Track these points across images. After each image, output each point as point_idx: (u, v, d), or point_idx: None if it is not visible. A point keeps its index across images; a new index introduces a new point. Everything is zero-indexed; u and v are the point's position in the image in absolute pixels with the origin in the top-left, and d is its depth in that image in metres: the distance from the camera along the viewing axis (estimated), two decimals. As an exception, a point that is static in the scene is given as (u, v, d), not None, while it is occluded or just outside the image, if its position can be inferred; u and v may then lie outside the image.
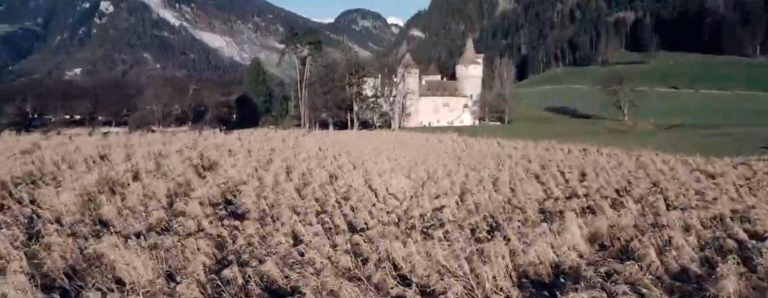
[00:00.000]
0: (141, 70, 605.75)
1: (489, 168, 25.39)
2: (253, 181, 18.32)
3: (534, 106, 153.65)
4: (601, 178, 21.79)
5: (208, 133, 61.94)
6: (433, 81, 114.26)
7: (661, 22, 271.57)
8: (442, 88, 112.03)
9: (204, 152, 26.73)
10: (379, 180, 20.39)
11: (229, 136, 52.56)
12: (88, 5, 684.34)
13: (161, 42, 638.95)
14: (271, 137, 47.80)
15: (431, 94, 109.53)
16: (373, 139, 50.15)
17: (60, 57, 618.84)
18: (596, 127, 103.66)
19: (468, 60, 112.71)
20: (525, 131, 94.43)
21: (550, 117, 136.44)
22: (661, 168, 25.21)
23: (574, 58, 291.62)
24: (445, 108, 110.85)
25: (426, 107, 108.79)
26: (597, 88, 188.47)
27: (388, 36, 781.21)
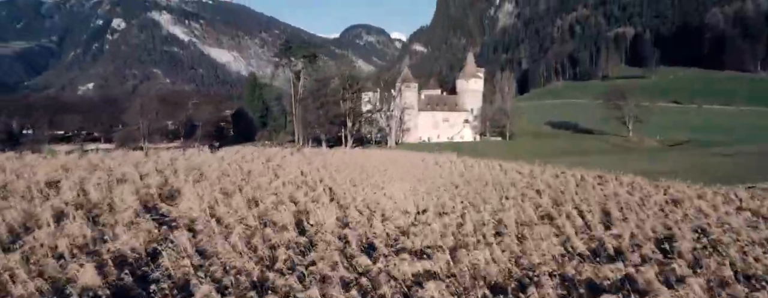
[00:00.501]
0: (151, 84, 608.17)
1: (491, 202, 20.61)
2: (202, 220, 14.02)
3: (535, 120, 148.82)
4: (632, 221, 16.96)
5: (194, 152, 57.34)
6: (433, 95, 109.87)
7: (660, 38, 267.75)
8: (442, 103, 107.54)
9: (170, 178, 22.48)
10: (358, 216, 15.75)
11: (215, 154, 48.09)
12: (101, 22, 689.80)
13: (171, 57, 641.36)
14: (256, 157, 43.28)
15: (431, 109, 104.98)
16: (364, 159, 45.55)
17: (73, 72, 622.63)
18: (601, 144, 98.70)
19: (469, 74, 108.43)
20: (528, 148, 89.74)
21: (552, 132, 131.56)
22: (699, 205, 20.40)
23: (574, 72, 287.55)
24: (445, 123, 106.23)
25: (425, 122, 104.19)
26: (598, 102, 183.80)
27: (392, 51, 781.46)
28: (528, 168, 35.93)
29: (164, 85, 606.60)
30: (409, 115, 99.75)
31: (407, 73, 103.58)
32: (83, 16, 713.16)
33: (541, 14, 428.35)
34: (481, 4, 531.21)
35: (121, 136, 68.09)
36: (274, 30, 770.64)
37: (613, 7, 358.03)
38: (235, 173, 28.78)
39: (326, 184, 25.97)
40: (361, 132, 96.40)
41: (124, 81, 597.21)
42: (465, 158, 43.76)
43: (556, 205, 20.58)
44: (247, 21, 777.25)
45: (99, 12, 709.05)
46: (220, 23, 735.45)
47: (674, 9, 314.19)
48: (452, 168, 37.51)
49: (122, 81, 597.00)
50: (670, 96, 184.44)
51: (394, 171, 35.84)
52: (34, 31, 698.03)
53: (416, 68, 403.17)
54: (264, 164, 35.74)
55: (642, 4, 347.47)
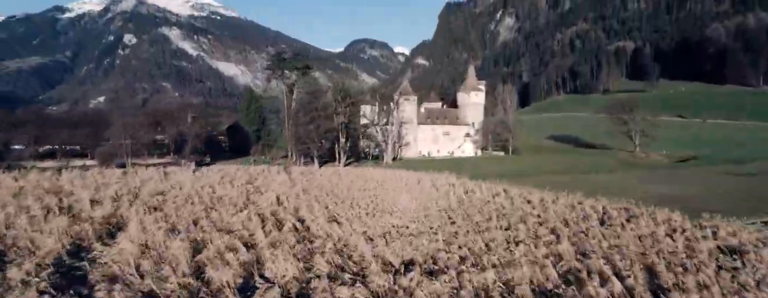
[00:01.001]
0: (160, 98, 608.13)
1: (497, 250, 15.49)
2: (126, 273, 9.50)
3: (537, 134, 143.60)
4: (693, 293, 11.62)
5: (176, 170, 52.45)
6: (433, 109, 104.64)
7: (660, 52, 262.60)
8: (443, 117, 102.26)
9: (123, 207, 17.87)
10: (325, 268, 10.74)
11: (196, 173, 43.25)
12: (112, 38, 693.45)
13: (179, 71, 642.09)
14: (237, 177, 38.20)
15: (431, 123, 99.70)
16: (354, 180, 40.24)
17: (86, 86, 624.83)
18: (607, 160, 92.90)
19: (470, 87, 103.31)
20: (532, 164, 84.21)
21: (555, 147, 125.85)
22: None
23: (575, 86, 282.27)
24: (445, 137, 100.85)
25: (425, 136, 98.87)
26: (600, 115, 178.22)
27: (395, 64, 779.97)
28: (538, 195, 30.45)
29: (173, 98, 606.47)
30: (408, 129, 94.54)
31: (406, 86, 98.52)
32: (96, 32, 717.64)
33: (541, 28, 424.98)
34: (482, 19, 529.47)
35: (103, 153, 63.11)
36: (281, 44, 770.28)
37: (613, 22, 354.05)
38: (204, 198, 23.76)
39: (301, 216, 20.76)
40: (358, 147, 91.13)
41: (134, 94, 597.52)
42: (465, 181, 38.36)
43: (581, 255, 15.16)
44: (255, 36, 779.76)
45: (111, 28, 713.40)
46: (228, 38, 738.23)
47: (672, 24, 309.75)
48: (451, 194, 32.09)
49: (132, 94, 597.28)
50: (673, 110, 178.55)
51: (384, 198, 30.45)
52: (49, 47, 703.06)
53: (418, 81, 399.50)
54: (241, 187, 30.48)
55: (641, 18, 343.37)
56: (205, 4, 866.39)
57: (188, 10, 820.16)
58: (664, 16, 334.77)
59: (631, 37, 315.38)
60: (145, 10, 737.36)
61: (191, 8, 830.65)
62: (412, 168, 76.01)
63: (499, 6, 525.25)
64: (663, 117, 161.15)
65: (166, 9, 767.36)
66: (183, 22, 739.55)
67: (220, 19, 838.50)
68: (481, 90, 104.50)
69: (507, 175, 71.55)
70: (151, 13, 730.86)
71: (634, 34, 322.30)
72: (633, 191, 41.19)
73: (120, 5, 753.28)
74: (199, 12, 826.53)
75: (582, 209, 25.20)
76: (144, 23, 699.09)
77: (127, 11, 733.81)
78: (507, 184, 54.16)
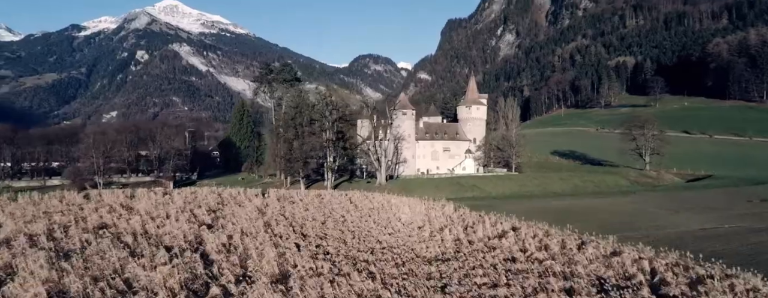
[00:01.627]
0: (170, 112, 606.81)
1: None
2: None
3: (540, 149, 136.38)
4: None
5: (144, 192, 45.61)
6: (433, 124, 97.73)
7: (661, 67, 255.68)
8: (442, 132, 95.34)
9: (18, 257, 12.54)
10: None
11: (166, 196, 36.60)
12: (126, 54, 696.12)
13: (189, 86, 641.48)
14: (198, 206, 31.45)
15: (430, 138, 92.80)
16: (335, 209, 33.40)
17: (99, 102, 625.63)
18: (618, 179, 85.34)
19: (471, 100, 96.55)
20: (539, 184, 76.88)
21: (560, 163, 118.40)
22: None
23: (575, 100, 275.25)
24: (445, 153, 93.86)
25: (424, 153, 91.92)
26: (605, 130, 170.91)
27: (398, 79, 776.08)
28: (557, 237, 23.34)
29: (182, 112, 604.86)
30: (406, 145, 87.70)
31: (404, 100, 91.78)
32: (110, 49, 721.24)
33: (541, 44, 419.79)
34: (482, 35, 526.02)
35: (71, 173, 56.61)
36: (287, 59, 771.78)
37: (612, 38, 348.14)
38: (138, 240, 18.02)
39: (242, 275, 14.49)
40: (354, 163, 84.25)
41: (145, 109, 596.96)
42: (464, 213, 31.27)
43: None
44: (262, 51, 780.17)
45: (125, 45, 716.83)
46: (237, 54, 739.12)
47: (671, 39, 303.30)
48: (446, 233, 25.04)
49: (143, 109, 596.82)
50: (677, 125, 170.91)
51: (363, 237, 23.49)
52: (65, 64, 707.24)
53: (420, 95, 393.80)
54: (193, 222, 23.78)
55: (639, 34, 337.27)
56: (216, 21, 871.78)
57: (199, 27, 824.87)
58: (662, 32, 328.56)
59: (630, 53, 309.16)
60: (158, 28, 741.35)
61: (202, 26, 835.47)
62: (407, 190, 68.91)
63: (499, 22, 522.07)
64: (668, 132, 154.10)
65: (177, 27, 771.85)
66: (194, 39, 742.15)
67: (230, 35, 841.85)
68: (483, 104, 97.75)
69: (512, 197, 64.52)
70: (163, 31, 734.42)
71: (634, 49, 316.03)
72: (663, 222, 33.98)
73: (133, 23, 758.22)
74: (209, 29, 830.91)
75: (621, 264, 18.02)
76: (156, 40, 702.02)
77: (140, 29, 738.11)
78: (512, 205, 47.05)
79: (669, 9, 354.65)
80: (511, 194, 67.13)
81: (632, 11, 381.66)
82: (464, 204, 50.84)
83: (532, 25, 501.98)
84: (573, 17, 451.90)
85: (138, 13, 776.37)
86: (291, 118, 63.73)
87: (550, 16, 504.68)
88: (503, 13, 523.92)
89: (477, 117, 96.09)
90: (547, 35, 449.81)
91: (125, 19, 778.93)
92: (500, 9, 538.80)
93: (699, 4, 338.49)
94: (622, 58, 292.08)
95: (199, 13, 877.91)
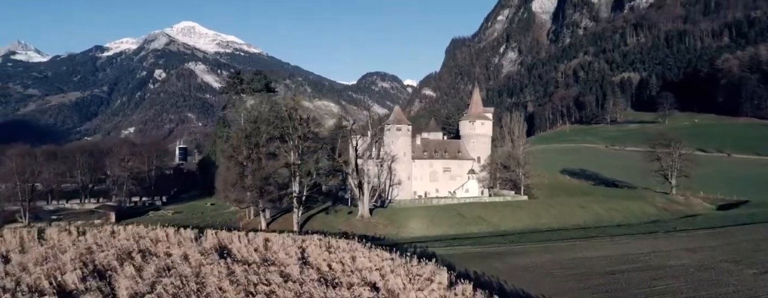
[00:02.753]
0: (184, 127, 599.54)
1: None
2: None
3: (548, 167, 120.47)
4: None
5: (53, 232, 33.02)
6: (431, 141, 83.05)
7: (666, 83, 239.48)
8: (443, 150, 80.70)
9: None
10: None
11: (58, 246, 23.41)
12: (145, 73, 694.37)
13: (203, 103, 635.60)
14: (107, 255, 17.73)
15: (428, 157, 78.21)
16: (271, 275, 19.28)
17: (118, 118, 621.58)
18: (644, 206, 69.75)
19: (474, 115, 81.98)
20: (554, 214, 60.79)
21: (572, 184, 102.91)
22: None
23: (580, 116, 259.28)
24: (445, 174, 79.09)
25: (421, 173, 77.27)
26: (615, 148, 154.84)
27: (404, 95, 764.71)
28: None
29: (196, 127, 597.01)
30: (401, 165, 73.27)
31: (398, 113, 77.14)
32: (131, 68, 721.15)
33: (543, 61, 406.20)
34: (485, 52, 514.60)
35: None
36: (298, 77, 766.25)
37: (614, 55, 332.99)
38: None
39: None
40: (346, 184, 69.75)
41: (161, 125, 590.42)
42: (466, 289, 16.89)
43: None
44: (274, 70, 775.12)
45: (144, 64, 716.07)
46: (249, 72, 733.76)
47: (674, 56, 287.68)
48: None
49: (159, 125, 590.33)
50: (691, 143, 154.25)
51: None
52: (88, 83, 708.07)
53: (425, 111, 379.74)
54: None
55: (641, 51, 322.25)
56: (230, 41, 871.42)
57: (214, 47, 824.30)
58: (664, 50, 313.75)
59: (634, 69, 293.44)
60: (175, 48, 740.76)
61: (217, 45, 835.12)
62: (395, 223, 53.92)
63: (502, 41, 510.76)
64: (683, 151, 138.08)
65: (194, 47, 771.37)
66: (209, 58, 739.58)
67: (244, 54, 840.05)
68: (488, 119, 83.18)
69: (526, 232, 49.73)
70: (180, 51, 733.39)
71: (637, 65, 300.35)
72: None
73: (153, 44, 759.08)
74: (224, 49, 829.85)
75: None
76: (173, 60, 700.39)
77: (159, 49, 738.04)
78: (533, 253, 32.62)
79: (669, 27, 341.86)
80: (525, 228, 52.16)
81: (633, 29, 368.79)
82: (468, 247, 35.82)
83: (533, 43, 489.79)
84: (574, 36, 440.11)
85: (157, 35, 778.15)
86: (246, 136, 48.44)
87: (551, 34, 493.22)
88: (505, 32, 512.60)
89: (481, 133, 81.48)
90: (549, 53, 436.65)
91: (145, 39, 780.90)
92: (503, 28, 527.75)
93: (699, 23, 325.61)
94: (626, 74, 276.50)
95: (214, 34, 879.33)
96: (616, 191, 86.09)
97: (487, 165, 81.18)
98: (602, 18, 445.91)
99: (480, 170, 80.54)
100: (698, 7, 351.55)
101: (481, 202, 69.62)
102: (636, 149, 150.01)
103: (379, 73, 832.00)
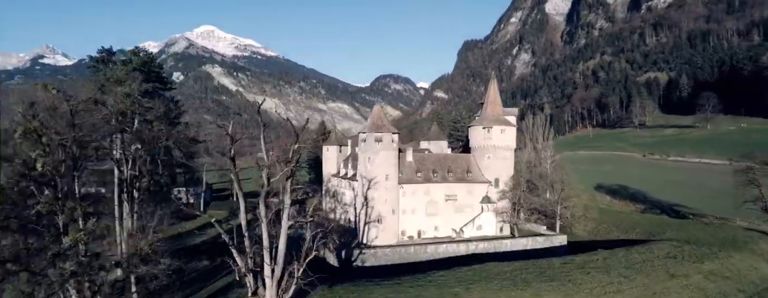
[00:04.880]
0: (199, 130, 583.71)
1: None
2: None
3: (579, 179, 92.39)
4: None
5: None
6: (429, 157, 56.06)
7: (699, 83, 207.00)
8: (445, 169, 53.90)
9: None
10: None
11: None
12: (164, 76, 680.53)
13: (219, 105, 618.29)
14: None
15: (424, 180, 51.53)
16: None
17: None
18: (753, 260, 42.13)
19: (491, 118, 54.73)
20: (640, 287, 33.06)
21: (615, 209, 74.99)
22: None
23: (602, 118, 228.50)
24: (448, 204, 52.28)
25: (414, 204, 50.53)
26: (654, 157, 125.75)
27: (417, 97, 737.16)
28: None
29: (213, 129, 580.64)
30: (382, 193, 46.96)
31: (378, 117, 49.47)
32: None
33: (558, 62, 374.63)
34: (498, 54, 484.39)
35: None
36: (312, 79, 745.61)
37: (635, 55, 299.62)
38: None
39: None
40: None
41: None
42: None
43: None
44: (289, 72, 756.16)
45: (164, 67, 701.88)
46: (265, 74, 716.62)
47: (702, 55, 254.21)
48: None
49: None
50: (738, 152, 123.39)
51: None
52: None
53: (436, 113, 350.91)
54: None
55: (663, 51, 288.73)
56: (248, 45, 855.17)
57: (233, 50, 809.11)
58: (687, 49, 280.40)
59: (658, 68, 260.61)
60: (194, 52, 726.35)
61: (235, 49, 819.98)
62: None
63: (515, 42, 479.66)
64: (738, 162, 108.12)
65: (212, 50, 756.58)
66: (227, 61, 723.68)
67: (261, 58, 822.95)
68: (511, 124, 55.83)
69: None
70: (199, 54, 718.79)
71: (661, 65, 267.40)
72: None
73: (173, 47, 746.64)
74: (241, 52, 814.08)
75: None
76: (191, 62, 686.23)
77: (178, 52, 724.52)
78: None
79: (691, 27, 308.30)
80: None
81: (652, 29, 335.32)
82: None
83: (547, 45, 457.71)
84: (589, 36, 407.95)
85: (177, 38, 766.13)
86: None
87: (565, 35, 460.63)
88: (518, 34, 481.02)
89: (501, 144, 54.29)
90: (563, 54, 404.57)
91: (166, 43, 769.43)
92: (515, 30, 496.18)
93: (723, 22, 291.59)
94: (652, 74, 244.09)
95: (233, 37, 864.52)
96: (690, 227, 57.88)
97: (509, 190, 54.09)
98: (618, 18, 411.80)
99: (499, 198, 53.49)
100: (721, 6, 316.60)
101: (503, 244, 42.58)
102: (681, 159, 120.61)
103: (392, 76, 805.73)
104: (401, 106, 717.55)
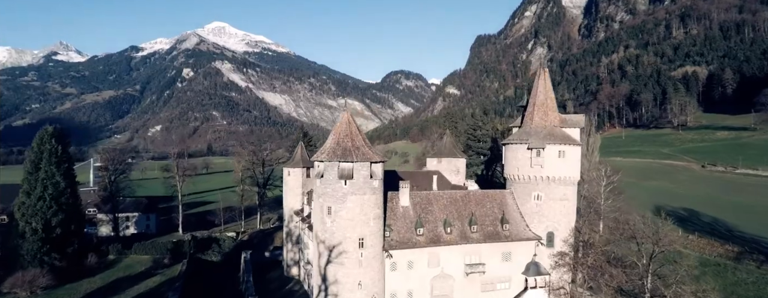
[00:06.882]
0: (209, 125, 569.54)
1: None
2: None
3: (629, 198, 69.09)
4: None
5: None
6: (436, 198, 33.57)
7: (746, 79, 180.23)
8: (463, 217, 31.89)
9: None
10: None
11: None
12: (174, 72, 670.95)
13: (228, 101, 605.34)
14: None
15: (428, 241, 29.79)
16: None
17: (148, 116, 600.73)
18: None
19: (541, 132, 32.62)
20: None
21: (693, 253, 51.25)
22: None
23: (634, 117, 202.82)
24: (471, 279, 30.76)
25: (412, 285, 29.06)
26: (719, 169, 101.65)
27: (429, 94, 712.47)
28: None
29: (221, 126, 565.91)
30: (351, 270, 25.66)
31: (347, 131, 27.76)
32: (163, 67, 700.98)
33: (577, 57, 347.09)
34: (513, 49, 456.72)
35: None
36: (322, 76, 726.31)
37: (663, 48, 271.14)
38: None
39: None
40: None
41: (186, 123, 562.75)
42: None
43: None
44: (300, 68, 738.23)
45: (175, 63, 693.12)
46: (275, 70, 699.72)
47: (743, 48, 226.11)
48: None
49: (185, 123, 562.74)
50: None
51: None
52: (123, 82, 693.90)
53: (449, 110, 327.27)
54: None
55: (695, 44, 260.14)
56: (259, 41, 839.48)
57: (243, 46, 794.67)
58: (721, 41, 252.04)
59: (693, 62, 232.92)
60: (205, 48, 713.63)
61: (246, 45, 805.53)
62: None
63: (530, 36, 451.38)
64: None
65: (223, 46, 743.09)
66: (237, 58, 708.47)
67: (272, 54, 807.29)
68: (575, 142, 33.75)
69: None
70: (210, 50, 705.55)
71: (695, 58, 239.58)
72: None
73: (184, 44, 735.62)
74: (252, 48, 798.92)
75: None
76: (201, 58, 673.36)
77: (189, 49, 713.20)
78: None
79: (724, 18, 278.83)
80: None
81: (680, 21, 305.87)
82: None
83: (564, 39, 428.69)
84: (609, 29, 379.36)
85: (189, 35, 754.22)
86: None
87: (582, 29, 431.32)
88: (534, 28, 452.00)
89: (558, 175, 32.25)
90: (582, 48, 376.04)
91: (177, 40, 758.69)
92: (530, 24, 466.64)
93: (759, 13, 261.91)
94: (689, 68, 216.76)
95: (244, 34, 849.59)
96: None
97: (571, 250, 32.17)
98: (640, 10, 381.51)
99: (555, 263, 31.66)
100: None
101: None
102: (753, 172, 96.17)
103: (403, 72, 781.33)
104: (413, 102, 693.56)
